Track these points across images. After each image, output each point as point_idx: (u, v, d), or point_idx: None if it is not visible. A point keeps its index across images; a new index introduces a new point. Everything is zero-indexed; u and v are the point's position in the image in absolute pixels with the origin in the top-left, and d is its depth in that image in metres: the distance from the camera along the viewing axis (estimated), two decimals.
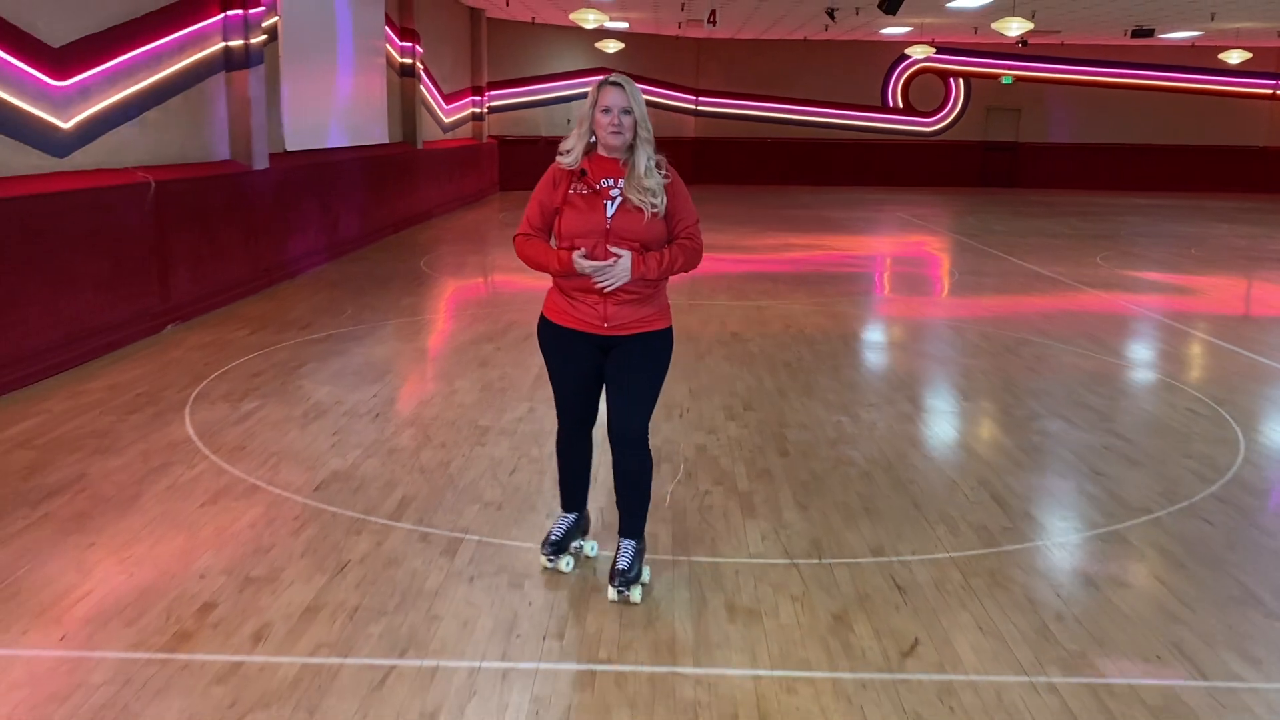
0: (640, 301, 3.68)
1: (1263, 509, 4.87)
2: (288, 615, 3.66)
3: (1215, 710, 3.19)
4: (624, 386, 3.71)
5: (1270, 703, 3.25)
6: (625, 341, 3.69)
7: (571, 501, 4.04)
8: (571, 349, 3.74)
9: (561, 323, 3.74)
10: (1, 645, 3.43)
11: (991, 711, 3.15)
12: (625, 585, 3.76)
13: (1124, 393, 6.97)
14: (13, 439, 5.53)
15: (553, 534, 4.01)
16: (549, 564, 3.99)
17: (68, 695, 3.15)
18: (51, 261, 6.91)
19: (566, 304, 3.72)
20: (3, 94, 6.67)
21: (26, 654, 3.39)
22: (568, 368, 3.78)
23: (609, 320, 3.66)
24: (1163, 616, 3.80)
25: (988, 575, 4.10)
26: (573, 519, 4.03)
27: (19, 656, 3.37)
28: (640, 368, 3.72)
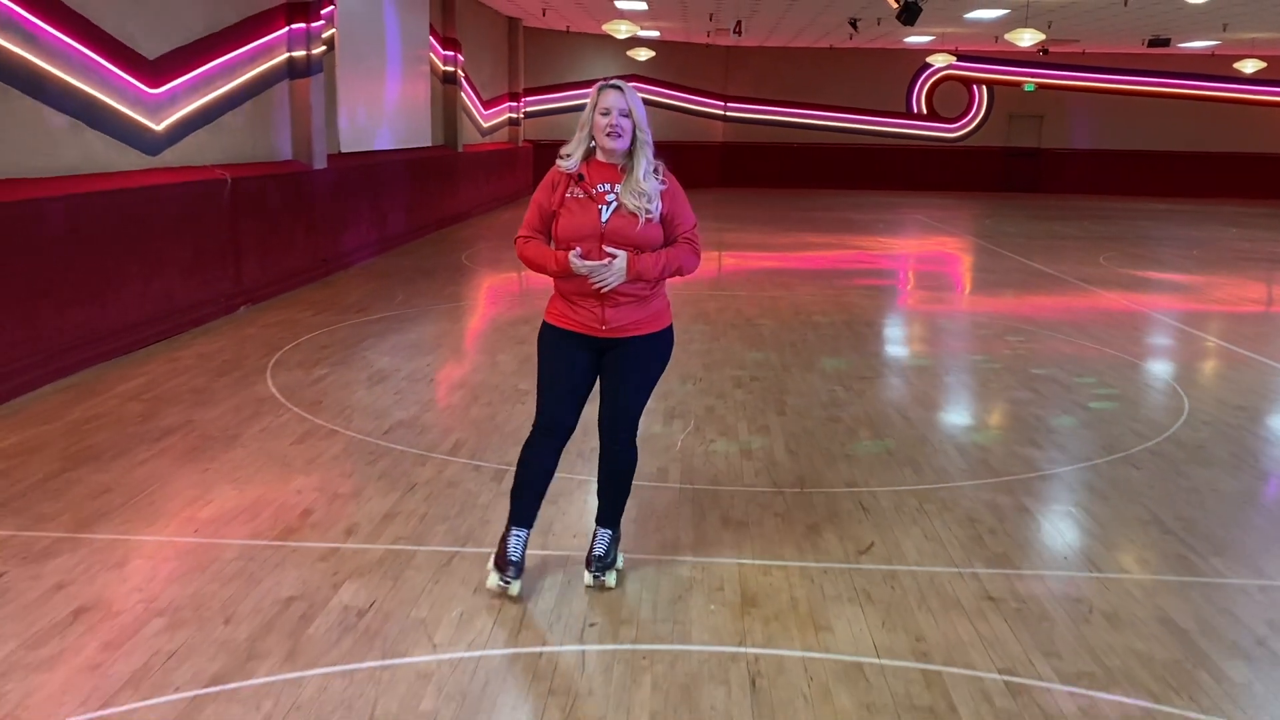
0: (638, 303, 3.72)
1: (1187, 459, 5.70)
2: (371, 518, 4.59)
3: (1102, 592, 4.05)
4: (619, 385, 3.79)
5: (1147, 589, 4.10)
6: (623, 343, 3.75)
7: (528, 515, 3.86)
8: (570, 352, 3.76)
9: (562, 326, 3.77)
10: (149, 534, 4.38)
11: (924, 590, 4.02)
12: (601, 571, 3.88)
13: (1091, 370, 7.80)
14: (124, 394, 6.52)
15: (511, 554, 3.81)
16: (503, 584, 3.79)
17: (206, 566, 4.09)
18: (146, 247, 7.91)
19: (566, 307, 3.76)
20: (109, 100, 7.69)
21: (170, 540, 4.34)
22: (562, 369, 3.77)
23: (607, 323, 3.70)
24: (1077, 530, 4.67)
25: (939, 503, 4.96)
26: (527, 535, 3.87)
27: (165, 542, 4.32)
28: (636, 368, 3.79)
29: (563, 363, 3.77)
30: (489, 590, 3.83)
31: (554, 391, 3.78)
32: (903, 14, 17.14)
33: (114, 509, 4.63)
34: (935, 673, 3.41)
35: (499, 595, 3.82)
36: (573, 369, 3.77)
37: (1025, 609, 3.87)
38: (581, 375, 3.79)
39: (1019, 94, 29.00)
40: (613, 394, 3.80)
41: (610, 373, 3.79)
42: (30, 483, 4.93)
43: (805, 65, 28.33)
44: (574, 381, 3.78)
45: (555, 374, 3.78)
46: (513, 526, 3.84)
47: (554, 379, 3.79)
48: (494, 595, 3.84)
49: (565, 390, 3.77)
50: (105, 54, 7.59)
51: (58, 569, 4.02)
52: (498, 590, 3.80)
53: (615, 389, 3.79)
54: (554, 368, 3.79)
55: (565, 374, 3.77)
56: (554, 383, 3.79)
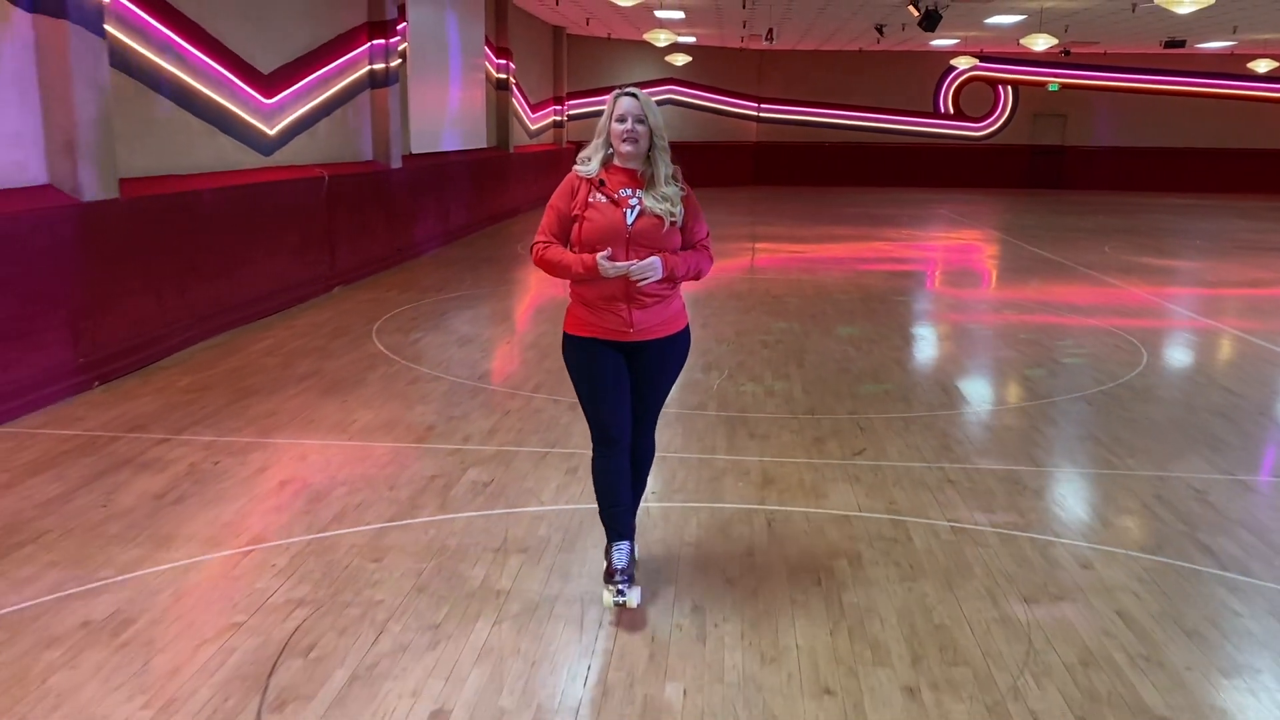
0: (662, 304, 3.75)
1: (1133, 398, 6.96)
2: (480, 431, 5.98)
3: (1035, 477, 5.36)
4: (646, 389, 3.85)
5: (1071, 475, 5.40)
6: (650, 345, 3.78)
7: (623, 527, 3.86)
8: (601, 359, 3.75)
9: (588, 335, 3.75)
10: (316, 440, 5.80)
11: (900, 476, 5.34)
12: (627, 582, 3.77)
13: (1071, 335, 9.04)
14: (260, 351, 7.97)
15: (617, 564, 3.79)
16: (619, 599, 3.73)
17: (365, 459, 5.50)
18: (264, 233, 9.38)
19: (589, 314, 3.74)
20: (236, 109, 9.16)
21: (333, 443, 5.75)
22: (605, 379, 3.75)
23: (635, 325, 3.71)
24: (1026, 443, 5.97)
25: (922, 425, 6.28)
26: (629, 545, 3.86)
27: (331, 444, 5.73)
28: (662, 371, 3.85)
29: (603, 375, 3.75)
30: (607, 609, 3.76)
31: (605, 403, 3.77)
32: (923, 21, 18.39)
33: (283, 424, 6.06)
34: (901, 521, 4.74)
35: (612, 600, 3.73)
36: (614, 376, 3.75)
37: (975, 487, 5.19)
38: (622, 379, 3.78)
39: (1043, 94, 30.04)
40: (639, 397, 3.84)
41: (637, 376, 3.81)
42: (214, 408, 6.37)
43: (836, 68, 29.54)
44: (619, 388, 3.77)
45: (599, 385, 3.76)
46: (612, 542, 3.83)
47: (600, 390, 3.76)
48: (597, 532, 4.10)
49: (614, 399, 3.77)
50: (234, 70, 9.07)
51: (258, 460, 5.45)
52: (615, 606, 3.72)
53: (642, 392, 3.84)
54: (596, 379, 3.76)
55: (610, 384, 3.75)
56: (602, 394, 3.76)
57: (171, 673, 3.36)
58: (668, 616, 3.78)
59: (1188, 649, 3.61)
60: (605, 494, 3.83)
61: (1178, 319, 10.12)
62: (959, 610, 3.86)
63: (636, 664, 3.45)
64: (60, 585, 3.96)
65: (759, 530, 4.61)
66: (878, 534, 4.59)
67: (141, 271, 7.40)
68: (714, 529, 4.62)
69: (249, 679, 3.33)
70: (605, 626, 3.70)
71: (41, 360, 6.35)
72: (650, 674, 3.38)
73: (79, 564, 4.15)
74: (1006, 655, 3.54)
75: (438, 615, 3.77)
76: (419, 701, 3.22)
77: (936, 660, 3.51)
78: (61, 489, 4.96)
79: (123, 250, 7.16)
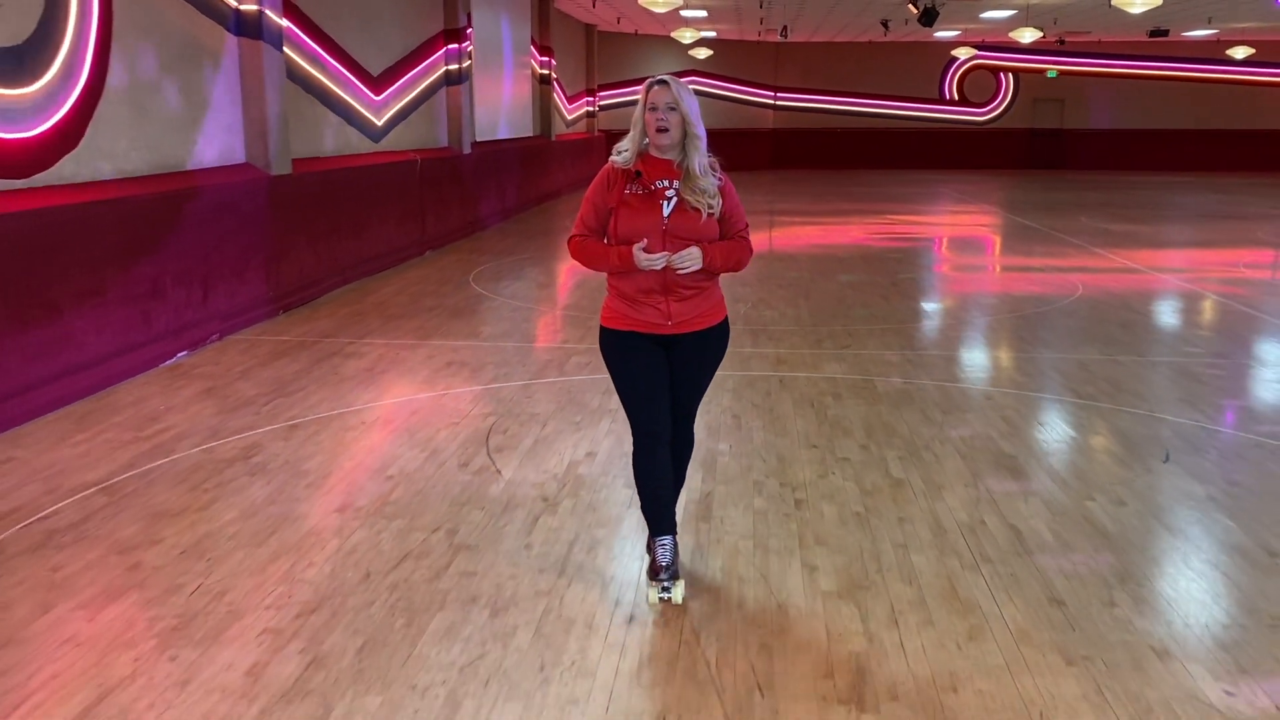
0: (701, 296, 3.72)
1: (1061, 315, 9.19)
2: (572, 338, 8.27)
3: (972, 356, 7.62)
4: (685, 382, 3.82)
5: (996, 361, 7.67)
6: (689, 338, 3.74)
7: (666, 522, 3.80)
8: (639, 353, 3.72)
9: (626, 328, 3.72)
10: (458, 341, 8.10)
11: (877, 361, 7.59)
12: (671, 579, 3.75)
13: (1027, 279, 11.24)
14: (387, 294, 10.28)
15: (661, 559, 3.76)
16: (664, 595, 3.74)
17: (498, 351, 7.80)
18: (376, 204, 11.70)
19: (628, 308, 3.72)
20: (357, 104, 11.49)
21: (472, 344, 8.06)
22: (645, 372, 3.72)
23: (673, 318, 3.68)
24: (967, 339, 8.24)
25: (894, 331, 8.54)
26: (672, 539, 3.80)
27: (470, 344, 8.04)
28: (702, 365, 3.83)
29: (640, 365, 3.72)
30: (652, 605, 3.74)
31: (645, 397, 3.73)
32: (922, 17, 20.52)
33: (431, 334, 8.38)
34: (870, 379, 7.02)
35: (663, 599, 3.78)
36: (653, 369, 3.73)
37: (925, 363, 7.46)
38: (661, 372, 3.75)
39: (1042, 80, 32.08)
40: (677, 390, 3.82)
41: (676, 369, 3.79)
42: (375, 325, 8.71)
43: (847, 58, 31.67)
44: (659, 381, 3.74)
45: (639, 379, 3.72)
46: (655, 537, 3.80)
47: (640, 384, 3.73)
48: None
49: (655, 392, 3.73)
50: (355, 74, 11.40)
51: (425, 352, 7.77)
52: (660, 602, 3.73)
53: (680, 385, 3.82)
54: (635, 372, 3.73)
55: (649, 376, 3.72)
56: (643, 390, 3.73)
57: (430, 439, 5.68)
58: (717, 417, 6.08)
59: (1035, 430, 5.90)
60: (647, 488, 3.80)
61: (1118, 266, 12.32)
62: (901, 418, 6.14)
63: (699, 436, 5.75)
64: (336, 407, 6.30)
65: (774, 385, 6.90)
66: (853, 385, 6.87)
67: (305, 230, 9.74)
68: (744, 383, 6.92)
69: (476, 441, 5.65)
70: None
71: (250, 292, 8.69)
72: (707, 440, 5.67)
73: (340, 400, 6.48)
74: (925, 434, 5.82)
75: (577, 418, 6.09)
76: (575, 451, 5.53)
77: (881, 436, 5.80)
78: (302, 366, 7.30)
79: (294, 213, 9.50)
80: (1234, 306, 9.79)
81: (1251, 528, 4.51)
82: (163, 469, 5.22)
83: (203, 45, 8.31)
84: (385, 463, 5.35)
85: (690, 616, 3.69)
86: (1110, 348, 7.98)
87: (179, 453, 5.45)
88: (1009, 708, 3.13)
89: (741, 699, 3.17)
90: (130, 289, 7.02)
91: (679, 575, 3.78)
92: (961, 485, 5.03)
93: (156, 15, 7.63)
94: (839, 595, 3.87)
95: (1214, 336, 8.58)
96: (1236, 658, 3.42)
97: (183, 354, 7.57)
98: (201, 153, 8.34)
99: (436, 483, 5.04)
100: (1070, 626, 3.63)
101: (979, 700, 3.17)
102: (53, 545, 4.29)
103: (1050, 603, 3.81)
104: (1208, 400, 6.55)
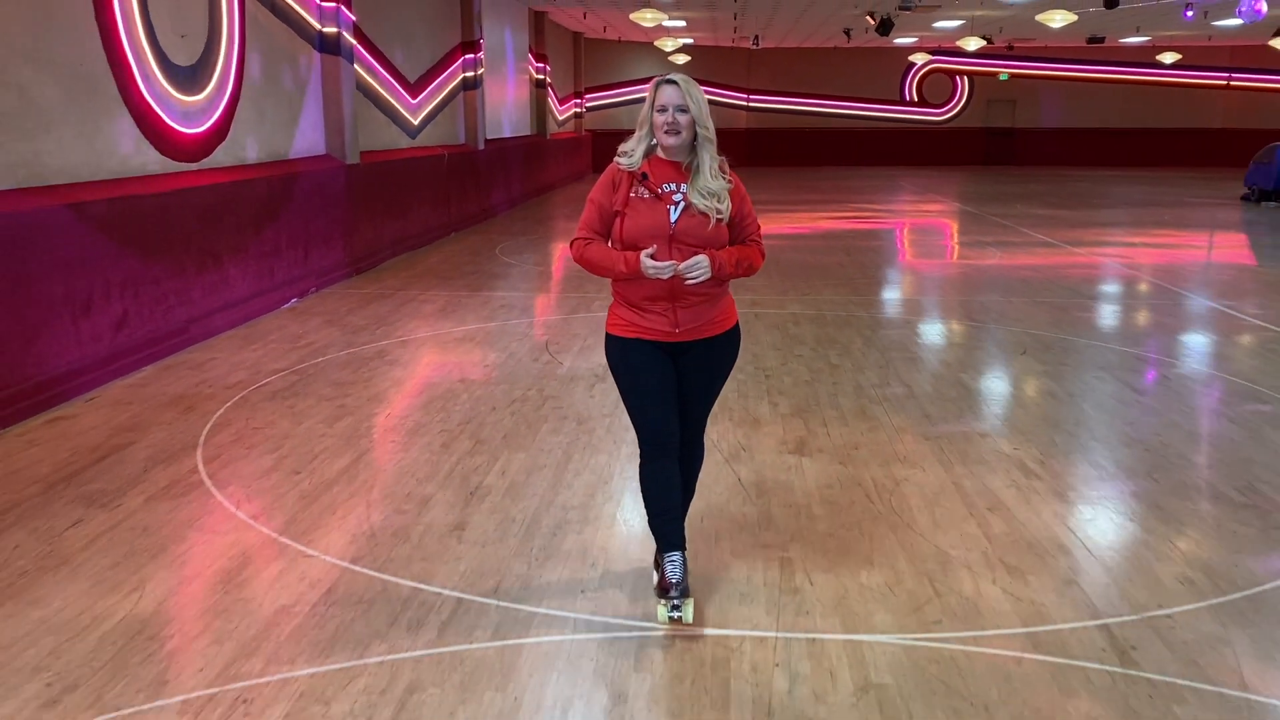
0: (709, 302, 3.61)
1: (966, 268, 11.56)
2: (597, 291, 10.55)
3: (898, 294, 9.97)
4: (694, 392, 3.73)
5: (909, 293, 10.03)
6: (696, 345, 3.65)
7: (675, 537, 3.69)
8: (646, 361, 3.61)
9: (633, 336, 3.62)
10: (505, 292, 10.37)
11: (826, 299, 9.91)
12: (681, 597, 3.62)
13: (957, 247, 13.61)
14: (433, 264, 12.52)
15: (671, 576, 3.63)
16: (674, 614, 3.60)
17: (543, 297, 10.07)
18: (415, 190, 13.93)
19: (635, 315, 3.61)
20: (400, 108, 13.72)
21: (517, 294, 10.33)
22: (652, 382, 3.62)
23: (680, 325, 3.58)
24: (896, 280, 10.60)
25: (842, 282, 10.88)
26: (681, 555, 3.67)
27: (517, 293, 10.30)
28: (712, 374, 3.73)
29: (648, 374, 3.63)
30: (661, 623, 3.63)
31: (653, 407, 3.65)
32: (879, 28, 22.95)
33: (480, 288, 10.63)
34: (823, 313, 9.33)
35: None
36: (661, 378, 3.63)
37: (864, 299, 9.80)
38: (669, 381, 3.66)
39: (995, 83, 34.63)
40: (687, 399, 3.73)
41: (685, 378, 3.69)
42: (433, 284, 10.94)
43: (815, 63, 34.10)
44: (667, 390, 3.65)
45: (647, 389, 3.64)
46: (664, 553, 3.70)
47: (648, 394, 3.64)
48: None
49: (663, 402, 3.64)
50: (399, 80, 13.64)
51: (483, 298, 10.02)
52: (670, 621, 3.62)
53: (690, 395, 3.73)
54: (643, 382, 3.64)
55: (657, 386, 3.63)
56: (650, 399, 3.64)
57: (505, 345, 7.95)
58: None
59: (935, 339, 8.25)
60: (655, 501, 3.69)
61: (1034, 241, 14.72)
62: (841, 334, 8.45)
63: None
64: (429, 330, 8.55)
65: (750, 317, 9.19)
66: (809, 316, 9.20)
67: (368, 209, 11.96)
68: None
69: (538, 348, 7.92)
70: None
71: (334, 256, 10.92)
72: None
73: (431, 326, 8.73)
74: (858, 342, 8.14)
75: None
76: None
77: (826, 343, 8.11)
78: (390, 307, 9.54)
79: (361, 195, 11.73)
80: (1117, 267, 12.22)
81: (1058, 375, 6.87)
82: (325, 361, 7.47)
83: (298, 61, 10.53)
84: (480, 358, 7.62)
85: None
86: (1008, 294, 10.34)
87: (331, 354, 7.70)
88: (893, 457, 5.45)
89: (729, 455, 5.47)
90: (261, 248, 9.25)
91: (689, 593, 3.66)
92: (877, 367, 7.37)
93: (269, 38, 9.86)
94: (791, 415, 6.19)
95: (1091, 286, 10.97)
96: (1012, 426, 5.77)
97: (294, 300, 9.80)
98: (297, 146, 10.56)
99: (519, 367, 7.32)
100: (930, 424, 5.97)
101: (871, 452, 5.49)
102: (280, 397, 6.54)
103: (923, 418, 6.13)
104: (1065, 324, 8.92)
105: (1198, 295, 10.42)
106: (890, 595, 3.87)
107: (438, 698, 3.20)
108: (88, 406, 6.33)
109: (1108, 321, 9.33)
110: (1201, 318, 9.36)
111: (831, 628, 3.63)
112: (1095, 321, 9.23)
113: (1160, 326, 9.04)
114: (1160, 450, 5.55)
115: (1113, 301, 10.31)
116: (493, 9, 18.80)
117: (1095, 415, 6.21)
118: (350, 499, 4.83)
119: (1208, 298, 10.27)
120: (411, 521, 4.56)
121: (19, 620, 3.67)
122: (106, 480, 5.08)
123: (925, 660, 3.41)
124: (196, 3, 8.41)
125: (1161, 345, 8.25)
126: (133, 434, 5.79)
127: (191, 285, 8.06)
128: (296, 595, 3.86)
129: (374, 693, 3.22)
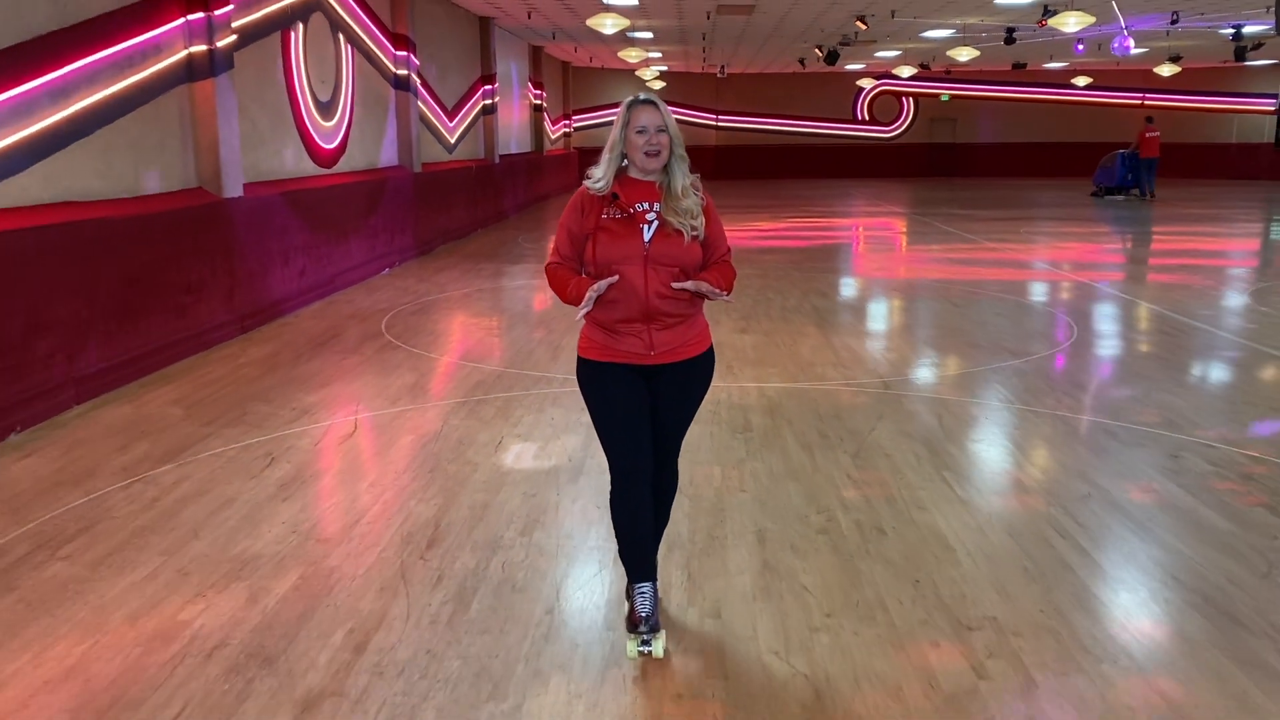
0: (685, 324, 3.57)
1: (895, 253, 15.33)
2: None
3: (842, 277, 13.74)
4: (668, 416, 3.64)
5: (852, 274, 13.80)
6: (672, 368, 3.57)
7: (646, 568, 3.56)
8: (618, 384, 3.54)
9: (605, 359, 3.55)
10: (533, 280, 14.04)
11: (784, 285, 13.65)
12: (651, 632, 3.50)
13: (890, 239, 17.38)
14: (469, 251, 16.16)
15: (640, 610, 3.51)
16: (644, 649, 3.50)
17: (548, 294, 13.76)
18: (451, 195, 17.58)
19: (608, 338, 3.54)
20: (441, 129, 17.42)
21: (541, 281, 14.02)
22: (624, 408, 3.53)
23: (655, 348, 3.52)
24: (839, 268, 14.38)
25: (803, 277, 14.63)
26: (652, 588, 3.55)
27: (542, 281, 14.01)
28: (685, 397, 3.66)
29: (620, 401, 3.54)
30: (630, 658, 3.52)
31: (625, 433, 3.54)
32: (827, 58, 26.89)
33: (515, 272, 14.30)
34: (781, 291, 13.07)
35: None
36: (633, 402, 3.54)
37: (818, 285, 13.54)
38: (642, 406, 3.56)
39: (937, 103, 38.70)
40: (660, 424, 3.62)
41: (659, 402, 3.60)
42: (477, 264, 14.60)
43: (777, 87, 38.04)
44: (639, 417, 3.55)
45: (618, 415, 3.54)
46: (634, 583, 3.57)
47: (620, 421, 3.54)
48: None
49: (634, 429, 3.54)
50: (441, 109, 17.35)
51: (525, 270, 13.69)
52: (640, 656, 3.50)
53: (663, 419, 3.63)
54: (614, 408, 3.54)
55: (628, 410, 3.53)
56: (621, 424, 3.54)
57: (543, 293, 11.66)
58: None
59: (871, 305, 12.03)
60: (626, 530, 3.57)
61: (936, 231, 18.56)
62: (792, 303, 12.18)
63: None
64: (508, 282, 12.21)
65: None
66: (766, 291, 12.91)
67: (425, 207, 15.63)
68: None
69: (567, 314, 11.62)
70: None
71: (407, 239, 14.58)
72: None
73: (511, 279, 12.39)
74: (806, 304, 11.87)
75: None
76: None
77: (780, 310, 11.83)
78: (456, 275, 13.18)
79: (422, 196, 15.39)
80: (1013, 256, 16.09)
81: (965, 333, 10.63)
82: (443, 299, 11.11)
83: (382, 97, 14.22)
84: (530, 295, 11.28)
85: None
86: (916, 267, 14.14)
87: (442, 295, 11.35)
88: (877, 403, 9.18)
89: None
90: (366, 230, 12.90)
91: (659, 627, 3.53)
92: (817, 328, 11.11)
93: (366, 79, 13.53)
94: (754, 348, 9.88)
95: (988, 272, 14.76)
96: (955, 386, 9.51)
97: (385, 270, 13.44)
98: (383, 158, 14.23)
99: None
100: (889, 375, 9.71)
101: (835, 369, 9.22)
102: (418, 314, 10.17)
103: (873, 375, 9.86)
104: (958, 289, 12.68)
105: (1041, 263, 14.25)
106: None
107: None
108: (296, 319, 9.96)
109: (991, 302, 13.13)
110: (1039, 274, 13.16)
111: None
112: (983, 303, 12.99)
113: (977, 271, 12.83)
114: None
115: (1005, 286, 14.12)
116: (502, 45, 22.55)
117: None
118: (488, 343, 8.51)
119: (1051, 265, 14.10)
120: (535, 345, 8.25)
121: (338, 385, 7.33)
122: (344, 342, 8.73)
123: None
124: (330, 55, 12.09)
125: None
126: (334, 331, 9.42)
127: (334, 251, 11.70)
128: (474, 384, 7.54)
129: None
